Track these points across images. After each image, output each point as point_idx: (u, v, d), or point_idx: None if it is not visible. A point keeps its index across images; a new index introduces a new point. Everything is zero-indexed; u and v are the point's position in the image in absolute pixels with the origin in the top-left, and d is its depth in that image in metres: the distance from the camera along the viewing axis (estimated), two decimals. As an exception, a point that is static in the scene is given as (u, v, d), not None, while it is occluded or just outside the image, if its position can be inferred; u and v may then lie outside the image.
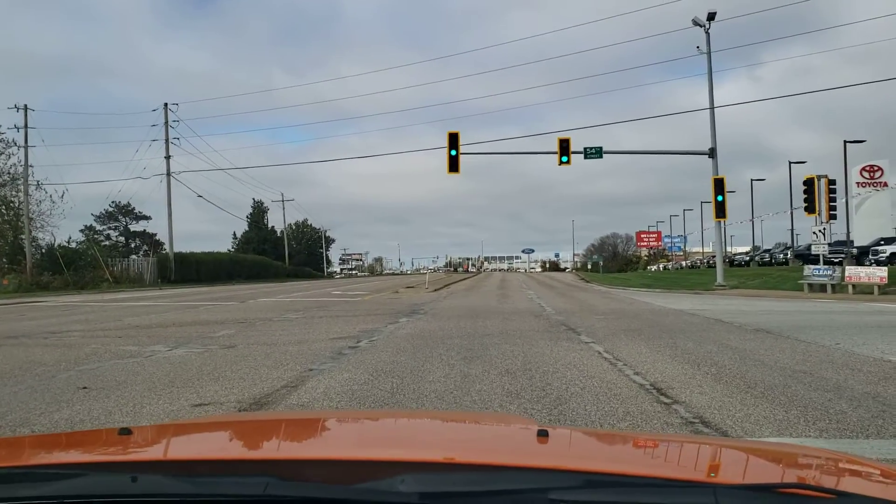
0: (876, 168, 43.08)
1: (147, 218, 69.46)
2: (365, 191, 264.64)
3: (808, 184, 26.56)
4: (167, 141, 50.76)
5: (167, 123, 50.93)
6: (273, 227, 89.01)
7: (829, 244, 28.27)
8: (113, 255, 51.24)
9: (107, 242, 62.57)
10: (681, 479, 1.17)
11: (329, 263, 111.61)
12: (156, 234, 66.01)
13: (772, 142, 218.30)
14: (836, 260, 30.23)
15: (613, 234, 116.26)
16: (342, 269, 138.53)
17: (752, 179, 64.59)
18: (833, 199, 26.70)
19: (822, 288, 23.46)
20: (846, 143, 38.33)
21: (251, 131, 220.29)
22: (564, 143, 28.31)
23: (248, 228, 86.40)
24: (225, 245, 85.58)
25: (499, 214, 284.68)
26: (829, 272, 23.82)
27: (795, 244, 51.45)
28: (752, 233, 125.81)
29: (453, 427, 2.00)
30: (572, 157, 28.38)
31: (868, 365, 7.33)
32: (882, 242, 34.17)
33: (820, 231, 25.90)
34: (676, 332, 11.12)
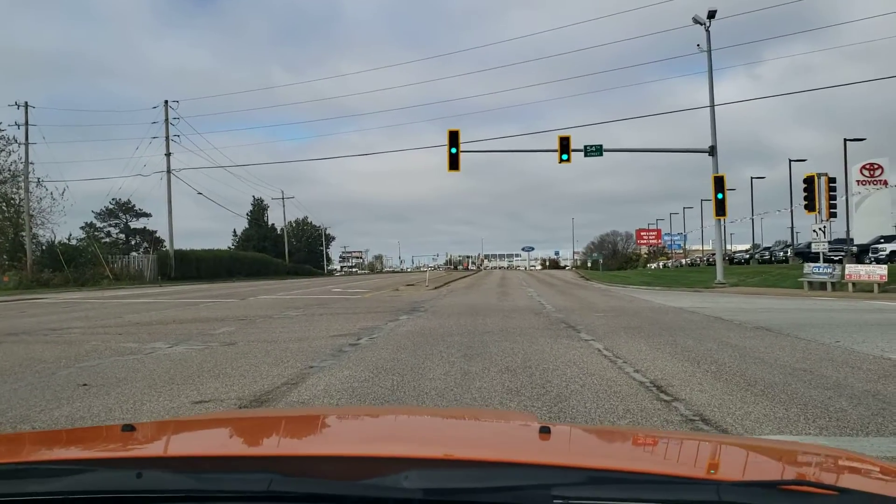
0: (876, 166, 43.11)
1: (147, 215, 69.60)
2: (365, 188, 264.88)
3: (809, 182, 26.54)
4: (167, 138, 50.77)
5: (167, 121, 50.92)
6: (273, 224, 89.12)
7: (829, 242, 28.24)
8: (113, 253, 51.30)
9: (107, 239, 62.68)
10: (683, 475, 1.18)
11: (329, 261, 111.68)
12: (156, 232, 66.18)
13: (772, 140, 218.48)
14: (836, 258, 30.23)
15: (613, 231, 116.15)
16: (342, 267, 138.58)
17: (752, 177, 64.71)
18: (833, 197, 26.67)
19: (822, 286, 23.47)
20: (846, 141, 38.31)
21: (251, 129, 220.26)
22: (565, 141, 28.30)
23: (248, 226, 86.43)
24: (225, 242, 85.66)
25: (499, 212, 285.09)
26: (829, 270, 23.83)
27: (795, 242, 51.45)
28: (752, 231, 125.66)
29: (456, 423, 2.01)
30: (572, 155, 28.39)
31: (868, 363, 7.34)
32: (882, 240, 34.21)
33: (820, 229, 25.89)
34: (676, 329, 11.13)
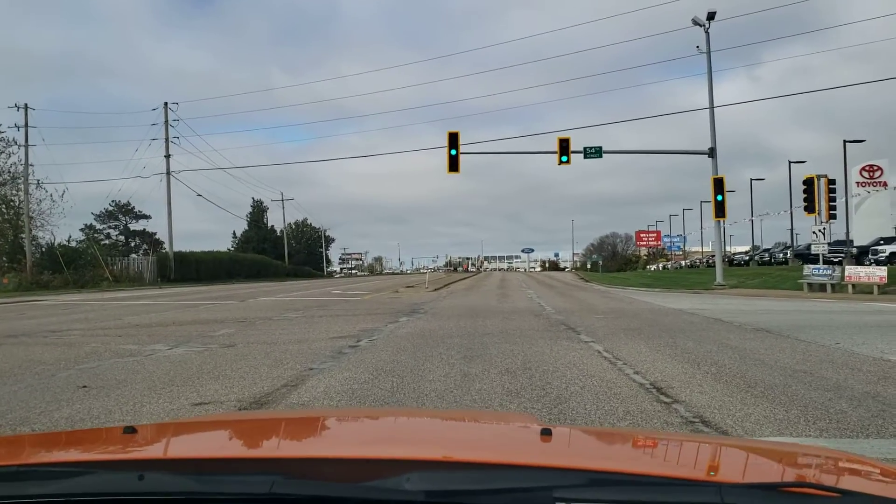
0: (875, 168, 43.10)
1: (147, 217, 69.57)
2: (365, 190, 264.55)
3: (808, 183, 26.56)
4: (167, 140, 50.78)
5: (167, 122, 50.93)
6: (273, 226, 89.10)
7: (829, 244, 28.27)
8: (113, 254, 51.28)
9: (107, 241, 62.63)
10: (686, 477, 1.17)
11: (329, 263, 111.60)
12: (155, 233, 66.16)
13: (771, 141, 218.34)
14: (836, 259, 30.23)
15: (613, 233, 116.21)
16: (342, 269, 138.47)
17: (751, 179, 64.68)
18: (833, 199, 26.69)
19: (822, 287, 23.47)
20: (846, 142, 38.36)
21: (251, 130, 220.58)
22: (564, 143, 28.32)
23: (247, 228, 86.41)
24: (224, 244, 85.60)
25: (498, 214, 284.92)
26: (829, 272, 23.83)
27: (795, 244, 51.45)
28: (751, 232, 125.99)
29: (457, 425, 2.01)
30: (572, 156, 28.40)
31: (868, 364, 7.34)
32: (881, 242, 34.20)
33: (820, 231, 25.90)
34: (676, 331, 11.12)
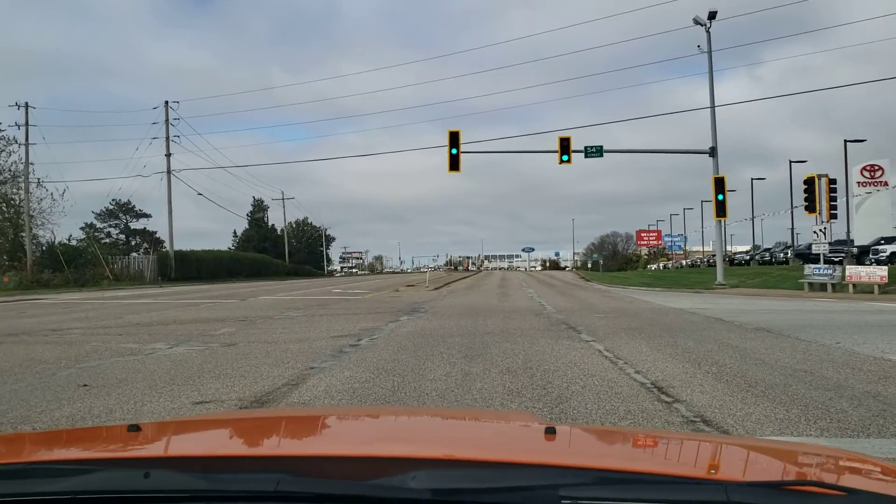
0: (876, 167, 43.06)
1: (147, 216, 69.64)
2: (365, 189, 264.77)
3: (809, 183, 26.55)
4: (167, 139, 50.76)
5: (167, 121, 50.92)
6: (273, 225, 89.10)
7: (830, 243, 28.26)
8: (113, 253, 51.30)
9: (107, 240, 62.69)
10: (691, 476, 1.18)
11: (329, 262, 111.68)
12: (156, 232, 66.24)
13: (772, 141, 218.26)
14: (837, 259, 30.22)
15: (613, 232, 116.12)
16: (342, 268, 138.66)
17: (752, 178, 64.75)
18: (833, 199, 26.69)
19: (823, 287, 23.47)
20: (846, 142, 38.41)
21: (251, 129, 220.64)
22: (565, 142, 28.31)
23: (248, 227, 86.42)
24: (225, 243, 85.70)
25: (499, 213, 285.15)
26: (830, 271, 23.82)
27: (796, 243, 51.46)
28: (752, 232, 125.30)
29: (461, 424, 2.01)
30: (573, 155, 28.41)
31: (868, 364, 7.34)
32: (882, 242, 34.18)
33: (820, 230, 25.89)
34: (677, 330, 11.12)
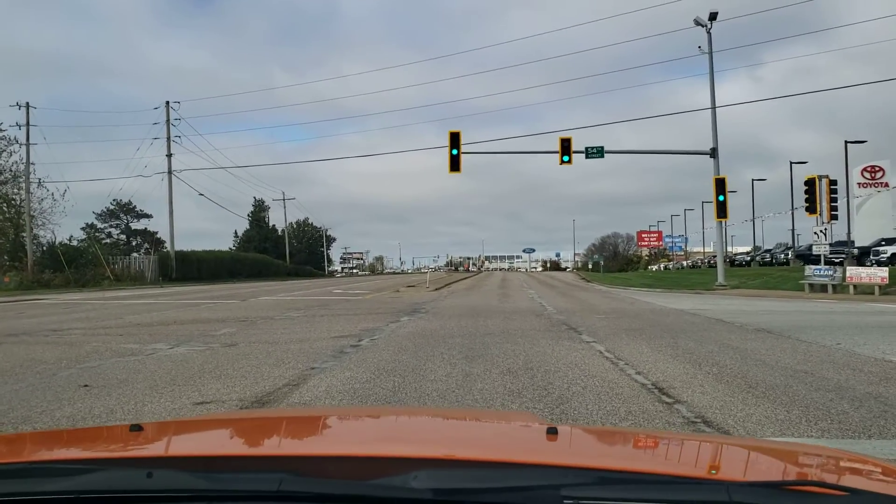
0: (877, 168, 43.02)
1: (148, 216, 69.58)
2: (366, 190, 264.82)
3: (810, 184, 26.54)
4: (168, 139, 50.78)
5: (168, 122, 50.94)
6: (274, 225, 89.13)
7: (830, 244, 28.24)
8: (114, 253, 51.34)
9: (108, 240, 62.68)
10: (693, 476, 1.18)
11: (330, 262, 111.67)
12: (157, 233, 66.14)
13: (773, 142, 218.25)
14: (837, 260, 30.20)
15: (614, 233, 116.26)
16: (343, 268, 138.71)
17: (753, 179, 64.58)
18: (834, 200, 26.67)
19: (823, 288, 23.46)
20: (847, 143, 38.28)
21: (252, 130, 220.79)
22: (566, 143, 28.31)
23: (249, 227, 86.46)
24: (226, 243, 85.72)
25: (499, 214, 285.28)
26: (830, 272, 23.81)
27: (796, 244, 51.41)
28: (752, 233, 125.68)
29: (463, 424, 2.01)
30: (573, 156, 28.41)
31: (869, 365, 7.33)
32: (883, 243, 34.16)
33: (821, 231, 25.89)
34: (678, 331, 11.12)
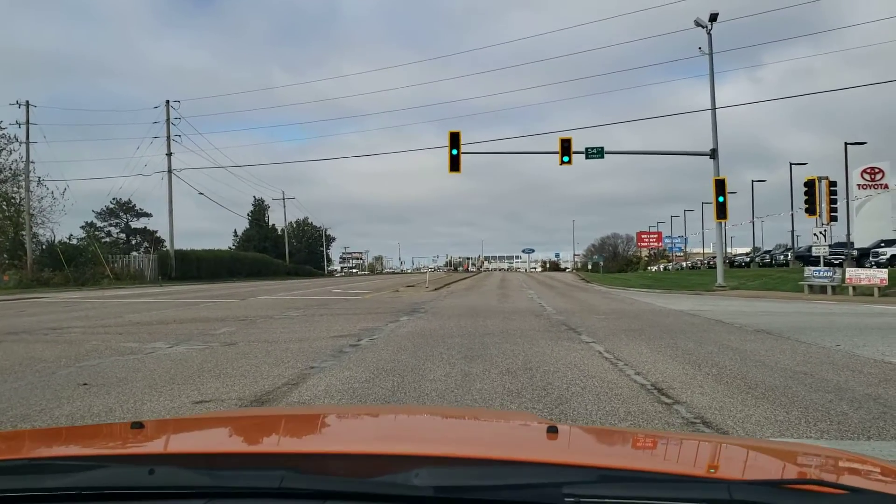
0: (877, 170, 43.08)
1: (148, 215, 69.52)
2: (365, 189, 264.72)
3: (809, 185, 26.55)
4: (168, 138, 50.78)
5: (168, 121, 50.94)
6: (274, 225, 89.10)
7: (830, 246, 28.24)
8: (114, 252, 51.31)
9: (107, 239, 62.64)
10: (694, 474, 1.18)
11: (329, 262, 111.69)
12: (157, 232, 66.10)
13: (773, 143, 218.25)
14: (837, 261, 30.22)
15: (614, 234, 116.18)
16: (342, 268, 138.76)
17: (752, 180, 64.31)
18: (834, 201, 26.67)
19: (823, 289, 23.46)
20: (847, 144, 38.34)
21: (252, 129, 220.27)
22: (566, 143, 28.31)
23: (248, 226, 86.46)
24: (226, 243, 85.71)
25: (499, 214, 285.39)
26: (830, 274, 23.81)
27: (796, 245, 51.46)
28: (752, 234, 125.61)
29: (463, 422, 2.01)
30: (573, 157, 28.40)
31: (869, 366, 7.33)
32: (882, 244, 34.20)
33: (821, 232, 25.88)
34: (677, 332, 11.12)
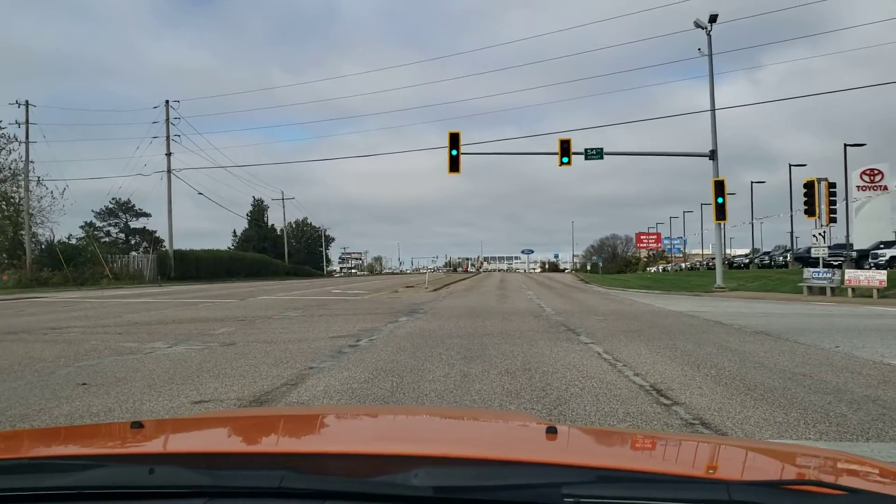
0: (876, 172, 43.15)
1: (147, 215, 69.42)
2: (364, 190, 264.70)
3: (809, 186, 26.55)
4: (168, 138, 50.76)
5: (168, 120, 50.92)
6: (273, 225, 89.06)
7: (829, 247, 28.27)
8: (113, 252, 51.25)
9: (107, 239, 62.57)
10: (693, 475, 1.18)
11: (328, 262, 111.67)
12: (156, 232, 65.97)
13: (772, 144, 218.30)
14: (836, 263, 30.27)
15: (613, 235, 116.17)
16: (341, 268, 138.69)
17: (751, 182, 64.39)
18: (833, 203, 26.68)
19: (822, 291, 23.47)
20: (846, 146, 38.36)
21: (251, 129, 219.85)
22: (565, 144, 28.32)
23: (248, 226, 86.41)
24: (225, 243, 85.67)
25: (498, 215, 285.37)
26: (829, 275, 23.83)
27: (795, 247, 51.48)
28: (751, 235, 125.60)
29: (463, 422, 2.02)
30: (573, 157, 28.41)
31: (868, 368, 7.34)
32: (882, 246, 34.26)
33: (820, 234, 25.89)
34: (676, 333, 11.13)
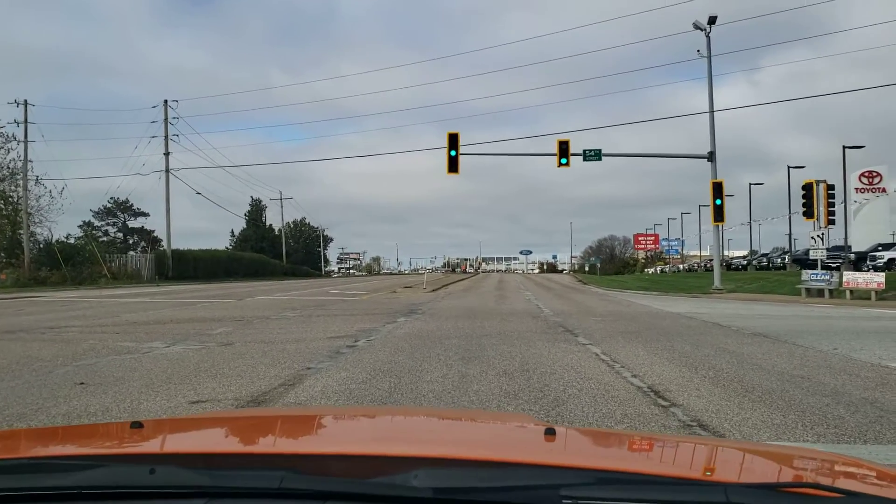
0: (875, 174, 43.19)
1: (145, 215, 69.43)
2: (363, 190, 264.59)
3: (807, 188, 26.57)
4: (166, 138, 50.71)
5: (167, 120, 50.88)
6: (271, 225, 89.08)
7: (827, 249, 28.27)
8: (111, 252, 51.22)
9: (105, 238, 62.58)
10: (691, 477, 1.18)
11: (327, 262, 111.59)
12: (154, 231, 66.00)
13: (771, 146, 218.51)
14: (834, 265, 30.33)
15: (611, 236, 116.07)
16: (340, 269, 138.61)
17: (750, 183, 64.55)
18: (832, 205, 26.69)
19: (820, 293, 23.50)
20: (845, 148, 38.45)
21: (250, 129, 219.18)
22: (564, 146, 28.33)
23: (246, 226, 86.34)
24: (223, 243, 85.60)
25: (497, 215, 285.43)
26: (827, 277, 23.86)
27: (793, 249, 51.56)
28: (749, 237, 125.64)
29: (462, 424, 2.02)
30: (571, 159, 28.41)
31: (866, 370, 7.35)
32: (880, 248, 34.33)
33: (818, 236, 25.92)
34: (674, 335, 11.13)
